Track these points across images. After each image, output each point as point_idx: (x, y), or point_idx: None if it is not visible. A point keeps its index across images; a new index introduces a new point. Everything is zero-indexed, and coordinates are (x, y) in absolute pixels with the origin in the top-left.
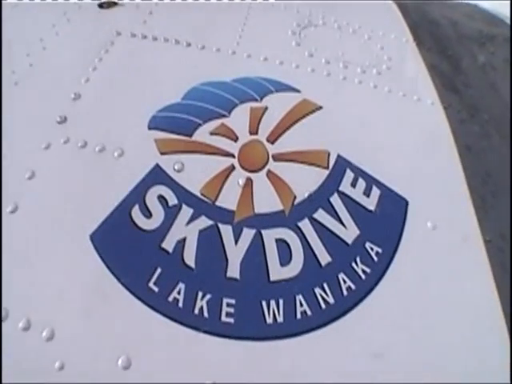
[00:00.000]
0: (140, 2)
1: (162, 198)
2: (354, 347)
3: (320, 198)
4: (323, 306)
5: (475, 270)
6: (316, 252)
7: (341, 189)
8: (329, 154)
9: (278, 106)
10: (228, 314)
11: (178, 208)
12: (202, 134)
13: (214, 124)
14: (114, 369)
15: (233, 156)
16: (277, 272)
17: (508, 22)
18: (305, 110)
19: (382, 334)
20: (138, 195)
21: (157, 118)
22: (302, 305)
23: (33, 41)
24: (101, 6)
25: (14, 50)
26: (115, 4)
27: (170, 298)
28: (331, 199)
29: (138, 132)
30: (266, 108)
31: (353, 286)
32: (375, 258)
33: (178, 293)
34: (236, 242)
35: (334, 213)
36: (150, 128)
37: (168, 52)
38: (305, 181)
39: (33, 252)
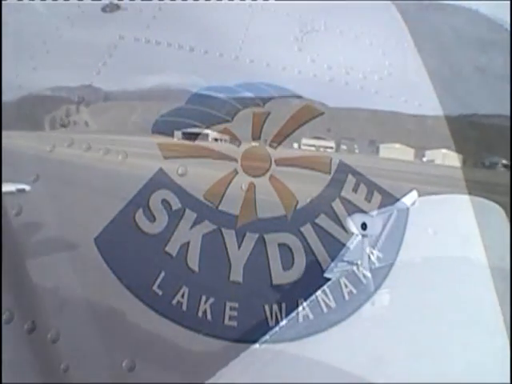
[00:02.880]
0: (143, 6)
1: (165, 202)
2: (355, 350)
3: (322, 203)
4: (325, 309)
5: (476, 275)
6: (318, 256)
7: (343, 194)
8: (331, 160)
9: (280, 111)
10: (231, 318)
11: (181, 212)
12: (205, 139)
13: (217, 129)
14: (119, 371)
15: (236, 161)
16: (279, 276)
17: (508, 27)
18: (307, 115)
19: (382, 338)
20: (141, 199)
21: (160, 123)
22: (304, 308)
23: (36, 44)
24: (104, 9)
25: (18, 53)
26: (118, 8)
27: (174, 302)
28: (333, 204)
29: (141, 136)
30: (269, 113)
31: (354, 290)
32: (376, 263)
33: (182, 296)
34: (239, 246)
35: (336, 218)
36: (153, 132)
37: (171, 56)
38: (307, 186)
39: (37, 255)
